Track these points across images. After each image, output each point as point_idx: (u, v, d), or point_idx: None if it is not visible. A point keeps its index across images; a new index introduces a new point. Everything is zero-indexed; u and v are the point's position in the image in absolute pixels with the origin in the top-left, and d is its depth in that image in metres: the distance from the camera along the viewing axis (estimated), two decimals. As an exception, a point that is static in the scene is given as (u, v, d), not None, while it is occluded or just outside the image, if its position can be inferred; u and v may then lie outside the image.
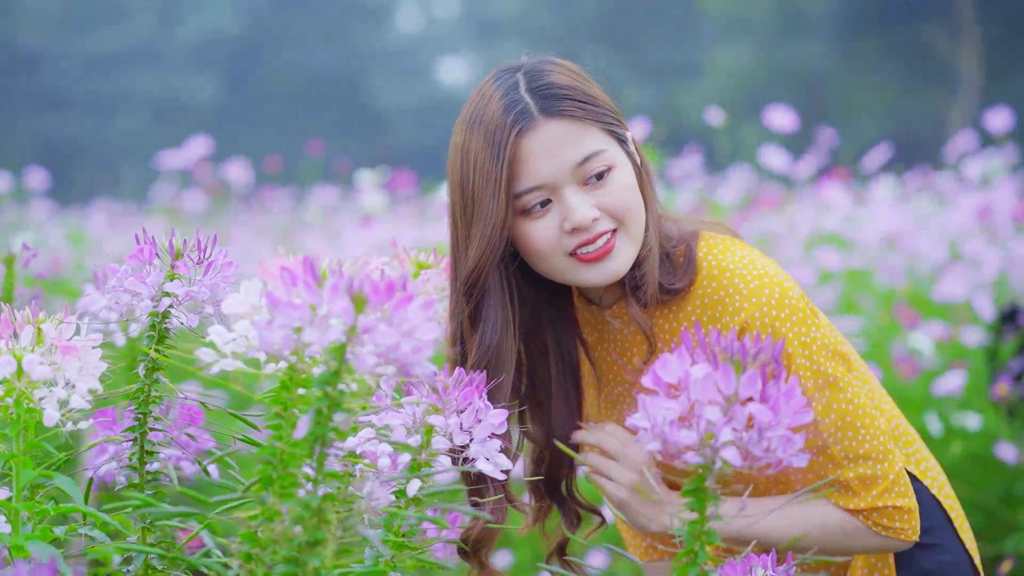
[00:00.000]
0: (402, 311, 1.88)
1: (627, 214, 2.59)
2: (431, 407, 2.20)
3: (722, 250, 2.66)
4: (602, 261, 2.59)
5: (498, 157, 2.54)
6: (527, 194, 2.57)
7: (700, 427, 1.92)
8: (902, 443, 2.81)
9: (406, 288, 1.90)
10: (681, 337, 1.97)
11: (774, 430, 1.93)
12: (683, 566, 2.00)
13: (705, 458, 1.93)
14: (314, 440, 1.91)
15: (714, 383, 1.93)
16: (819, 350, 2.58)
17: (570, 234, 2.57)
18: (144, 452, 2.24)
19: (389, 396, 2.24)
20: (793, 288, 2.60)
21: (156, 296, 2.22)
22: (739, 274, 2.60)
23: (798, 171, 6.92)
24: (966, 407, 4.97)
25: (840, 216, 6.53)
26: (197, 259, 2.25)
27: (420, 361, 1.89)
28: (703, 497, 1.98)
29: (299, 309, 1.87)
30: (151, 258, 2.23)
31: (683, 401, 1.94)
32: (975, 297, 5.35)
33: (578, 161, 2.56)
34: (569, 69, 2.66)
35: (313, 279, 1.89)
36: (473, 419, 2.20)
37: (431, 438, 2.19)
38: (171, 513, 1.95)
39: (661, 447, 1.95)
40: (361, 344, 1.86)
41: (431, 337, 1.88)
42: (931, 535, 2.77)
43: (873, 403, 2.67)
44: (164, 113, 31.46)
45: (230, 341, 2.03)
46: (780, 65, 29.91)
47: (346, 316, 1.86)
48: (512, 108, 2.57)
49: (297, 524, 1.89)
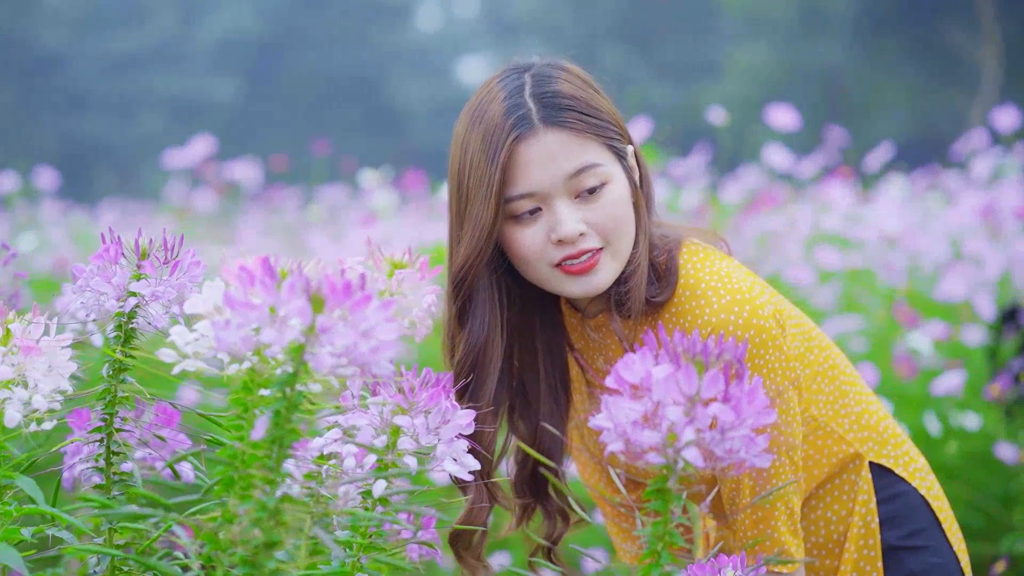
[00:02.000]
0: (360, 311, 1.87)
1: (615, 232, 2.58)
2: (398, 408, 2.19)
3: (700, 260, 2.65)
4: (585, 275, 2.58)
5: (493, 160, 2.53)
6: (518, 200, 2.56)
7: (663, 428, 1.91)
8: (891, 444, 2.79)
9: (364, 288, 1.89)
10: (644, 338, 1.95)
11: (736, 430, 1.92)
12: (646, 567, 1.99)
13: (667, 459, 1.92)
14: (272, 441, 1.90)
15: (676, 383, 1.92)
16: (770, 372, 2.56)
17: (556, 245, 2.57)
18: (111, 453, 2.23)
19: (356, 397, 2.22)
20: (765, 307, 2.57)
21: (122, 296, 2.21)
22: (712, 287, 2.59)
23: (803, 170, 6.89)
24: (965, 407, 4.95)
25: (841, 215, 6.50)
26: (163, 259, 2.23)
27: (379, 361, 1.88)
28: (666, 498, 1.97)
29: (256, 309, 1.86)
30: (116, 258, 2.22)
31: (646, 402, 1.93)
32: (976, 296, 5.32)
33: (571, 173, 2.55)
34: (578, 77, 2.64)
35: (271, 279, 1.88)
36: (440, 420, 2.19)
37: (397, 439, 2.18)
38: (127, 515, 1.94)
39: (624, 448, 1.94)
40: (319, 344, 1.85)
41: (390, 337, 1.87)
42: (920, 537, 2.76)
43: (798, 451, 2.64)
44: (184, 113, 31.49)
45: (191, 341, 2.02)
46: (800, 64, 29.83)
47: (303, 316, 1.85)
48: (513, 112, 2.56)
49: (255, 526, 1.88)
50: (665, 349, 1.95)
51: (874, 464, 2.77)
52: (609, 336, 2.71)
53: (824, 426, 2.73)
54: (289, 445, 1.90)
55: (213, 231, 8.25)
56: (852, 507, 2.75)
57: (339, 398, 2.20)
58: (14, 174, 7.94)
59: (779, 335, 2.58)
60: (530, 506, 2.88)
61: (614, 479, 2.13)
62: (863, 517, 2.74)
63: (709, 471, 1.94)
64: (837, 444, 2.74)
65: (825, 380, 2.74)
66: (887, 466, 2.77)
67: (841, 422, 2.75)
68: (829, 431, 2.73)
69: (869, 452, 2.76)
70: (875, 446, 2.77)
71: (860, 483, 2.74)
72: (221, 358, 1.99)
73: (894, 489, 2.77)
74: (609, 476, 2.86)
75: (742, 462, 1.94)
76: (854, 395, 2.78)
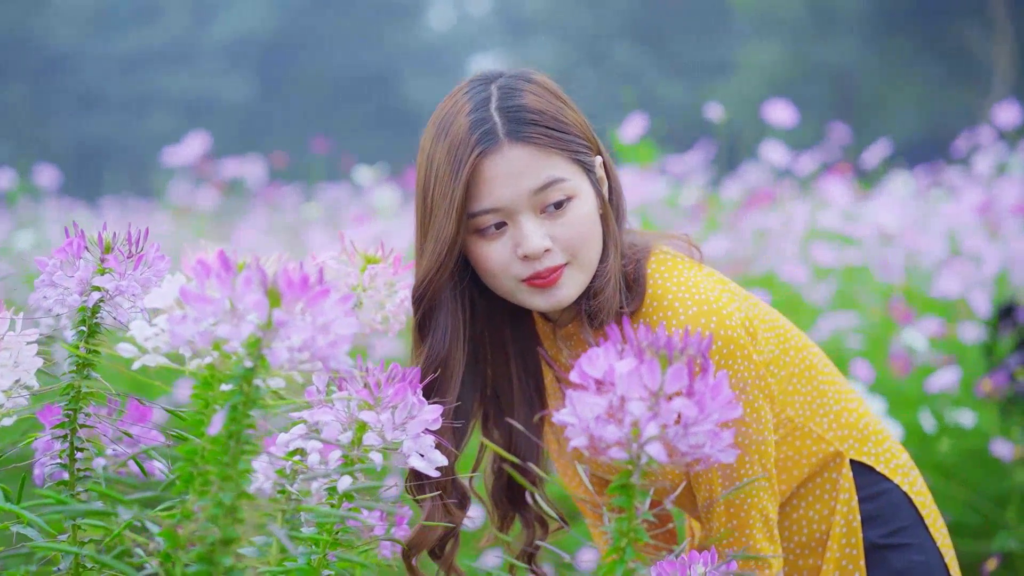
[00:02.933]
0: (318, 305, 1.85)
1: (581, 247, 2.55)
2: (363, 403, 2.17)
3: (668, 269, 2.62)
4: (548, 289, 2.56)
5: (456, 175, 2.51)
6: (482, 215, 2.53)
7: (626, 422, 1.89)
8: (872, 441, 2.77)
9: (322, 282, 1.86)
10: (608, 332, 1.92)
11: (700, 425, 1.89)
12: (610, 564, 1.97)
13: (631, 454, 1.90)
14: (229, 437, 1.88)
15: (640, 378, 1.89)
16: (738, 383, 2.54)
17: (522, 261, 2.54)
18: (74, 449, 2.21)
19: (322, 392, 2.20)
20: (733, 315, 2.55)
21: (85, 290, 2.19)
22: (680, 298, 2.56)
23: (802, 167, 6.86)
24: (961, 404, 4.91)
25: (839, 212, 6.47)
26: (127, 253, 2.21)
27: (337, 355, 1.85)
28: (630, 493, 1.95)
29: (212, 303, 1.84)
30: (79, 252, 2.19)
31: (610, 396, 1.91)
32: (972, 293, 5.29)
33: (536, 189, 2.52)
34: (545, 89, 2.61)
35: (227, 272, 1.86)
36: (406, 415, 2.17)
37: (363, 434, 2.16)
38: (82, 511, 1.92)
39: (588, 443, 1.92)
40: (276, 339, 1.83)
41: (349, 331, 1.85)
42: (903, 534, 2.74)
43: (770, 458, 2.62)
44: (196, 112, 31.52)
45: (151, 336, 2.00)
46: (811, 63, 29.79)
47: (260, 310, 1.83)
48: (478, 126, 2.53)
49: (211, 523, 1.86)
50: (629, 344, 1.93)
51: (855, 462, 2.74)
52: (580, 346, 2.69)
53: (802, 427, 2.70)
54: (247, 441, 1.88)
55: (214, 229, 8.23)
56: (834, 506, 2.72)
57: (304, 393, 2.19)
58: (12, 172, 7.93)
59: (748, 343, 2.56)
60: (509, 514, 2.87)
61: (581, 475, 2.12)
62: (845, 516, 2.72)
63: (678, 469, 1.92)
64: (816, 444, 2.71)
65: (802, 380, 2.72)
66: (869, 464, 2.75)
67: (820, 422, 2.72)
68: (807, 431, 2.71)
69: (850, 450, 2.73)
70: (856, 444, 2.74)
71: (841, 481, 2.72)
72: (184, 353, 1.97)
73: (876, 487, 2.75)
74: (592, 480, 2.84)
75: (707, 457, 1.92)
76: (833, 394, 2.75)
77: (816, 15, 30.37)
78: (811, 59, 29.84)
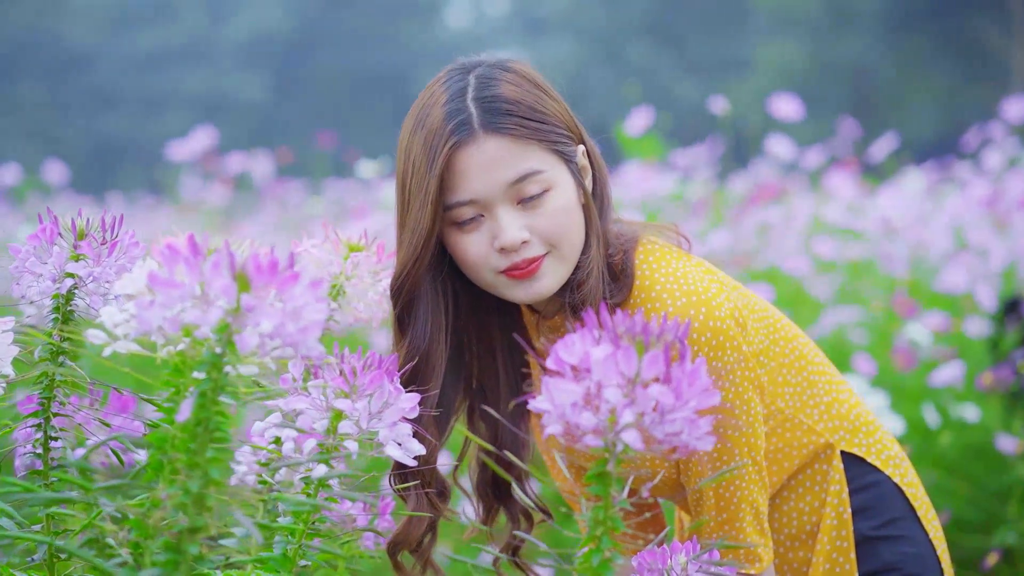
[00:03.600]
0: (288, 290, 1.82)
1: (560, 238, 2.51)
2: (339, 391, 2.14)
3: (656, 259, 2.59)
4: (527, 280, 2.52)
5: (432, 167, 2.48)
6: (459, 207, 2.50)
7: (602, 409, 1.86)
8: (863, 432, 2.74)
9: (293, 267, 1.84)
10: (584, 318, 1.89)
11: (677, 412, 1.86)
12: (586, 553, 1.94)
13: (606, 441, 1.87)
14: (198, 424, 1.85)
15: (615, 364, 1.86)
16: (728, 375, 2.52)
17: (499, 253, 2.51)
18: (48, 438, 2.19)
19: (299, 379, 2.18)
20: (722, 306, 2.52)
21: (58, 277, 2.16)
22: (668, 289, 2.53)
23: (809, 162, 6.83)
24: (965, 399, 4.87)
25: (843, 206, 6.42)
26: (101, 239, 2.19)
27: (306, 341, 1.83)
28: (606, 482, 1.92)
29: (180, 288, 1.81)
30: (53, 238, 2.17)
31: (586, 383, 1.88)
32: (977, 287, 5.25)
33: (512, 181, 2.48)
34: (523, 78, 2.56)
35: (196, 257, 1.83)
36: (382, 403, 2.14)
37: (338, 423, 2.13)
38: (46, 500, 1.89)
39: (563, 430, 1.89)
40: (244, 325, 1.80)
41: (319, 317, 1.82)
42: (894, 526, 2.71)
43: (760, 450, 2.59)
44: (213, 110, 31.55)
45: (121, 323, 1.97)
46: (829, 60, 29.72)
47: (228, 295, 1.80)
48: (453, 117, 2.50)
49: (179, 511, 1.83)
50: (606, 330, 1.90)
51: (846, 453, 2.71)
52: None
53: (792, 418, 2.67)
54: (216, 428, 1.85)
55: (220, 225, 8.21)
56: (824, 498, 2.69)
57: (279, 380, 2.16)
58: (18, 167, 7.93)
59: (738, 335, 2.53)
60: (494, 507, 2.84)
61: (559, 464, 2.09)
62: (835, 508, 2.69)
63: (657, 457, 1.89)
64: (807, 435, 2.68)
65: (792, 371, 2.69)
66: (860, 455, 2.72)
67: (810, 413, 2.69)
68: (797, 423, 2.68)
69: (840, 441, 2.70)
70: (846, 435, 2.71)
71: (832, 473, 2.69)
72: (156, 340, 1.94)
73: (867, 478, 2.71)
74: (577, 473, 2.81)
75: (685, 445, 1.89)
76: (823, 385, 2.72)
77: (833, 12, 30.31)
78: (828, 57, 29.77)
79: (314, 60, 33.90)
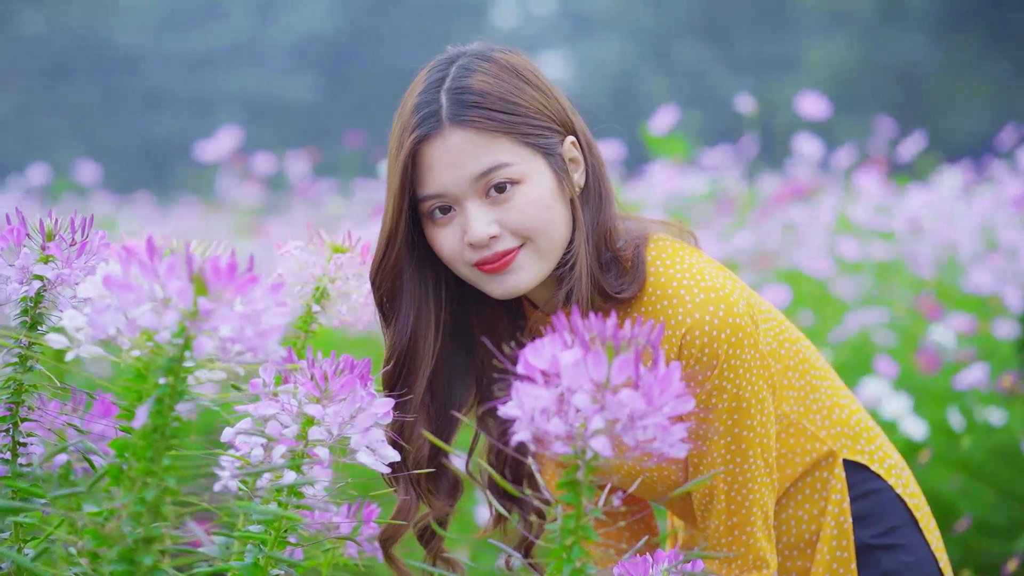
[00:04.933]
0: (247, 293, 1.77)
1: (533, 232, 2.44)
2: (310, 396, 2.09)
3: (670, 256, 2.52)
4: (501, 274, 2.46)
5: (397, 159, 2.45)
6: (429, 200, 2.46)
7: (570, 415, 1.81)
8: (864, 439, 2.67)
9: (252, 270, 1.79)
10: (554, 321, 1.84)
11: (648, 418, 1.81)
12: (557, 563, 1.88)
13: (575, 449, 1.81)
14: (155, 430, 1.80)
15: (585, 369, 1.81)
16: (745, 373, 2.45)
17: (470, 247, 2.45)
18: (16, 444, 2.14)
19: (270, 384, 2.13)
20: (739, 303, 2.46)
21: (25, 280, 2.12)
22: (685, 285, 2.46)
23: (842, 161, 6.74)
24: (991, 402, 4.78)
25: (870, 206, 6.32)
26: (70, 240, 2.14)
27: (265, 346, 1.78)
28: (577, 490, 1.87)
29: (135, 291, 1.77)
30: (20, 239, 2.13)
31: (555, 388, 1.82)
32: (1006, 288, 5.15)
33: (477, 174, 2.42)
34: (502, 68, 2.49)
35: (152, 259, 1.79)
36: (354, 408, 2.09)
37: (309, 429, 2.08)
38: (9, 509, 1.85)
39: (531, 437, 1.84)
40: (199, 329, 1.75)
41: (279, 322, 1.78)
42: (894, 535, 2.65)
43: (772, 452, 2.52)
44: (261, 111, 31.61)
45: (83, 326, 1.92)
46: (879, 58, 29.51)
47: (184, 298, 1.75)
48: (422, 109, 2.45)
49: (132, 521, 1.78)
50: (576, 333, 1.84)
51: (847, 461, 2.64)
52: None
53: (796, 423, 2.61)
54: (173, 435, 1.80)
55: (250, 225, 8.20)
56: (824, 506, 2.63)
57: (249, 385, 2.12)
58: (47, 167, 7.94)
59: (755, 332, 2.47)
60: (505, 505, 2.78)
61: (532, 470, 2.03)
62: (836, 517, 2.62)
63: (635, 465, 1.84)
64: (810, 442, 2.62)
65: (795, 375, 2.62)
66: (861, 462, 2.65)
67: (813, 418, 2.63)
68: (801, 428, 2.61)
69: (843, 449, 2.64)
70: (848, 442, 2.64)
71: (833, 481, 2.62)
72: (121, 344, 1.90)
73: (867, 486, 2.65)
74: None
75: (659, 453, 1.84)
76: (825, 389, 2.66)
77: (883, 10, 30.09)
78: (879, 55, 29.56)
79: (361, 60, 33.92)
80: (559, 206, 2.46)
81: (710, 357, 2.42)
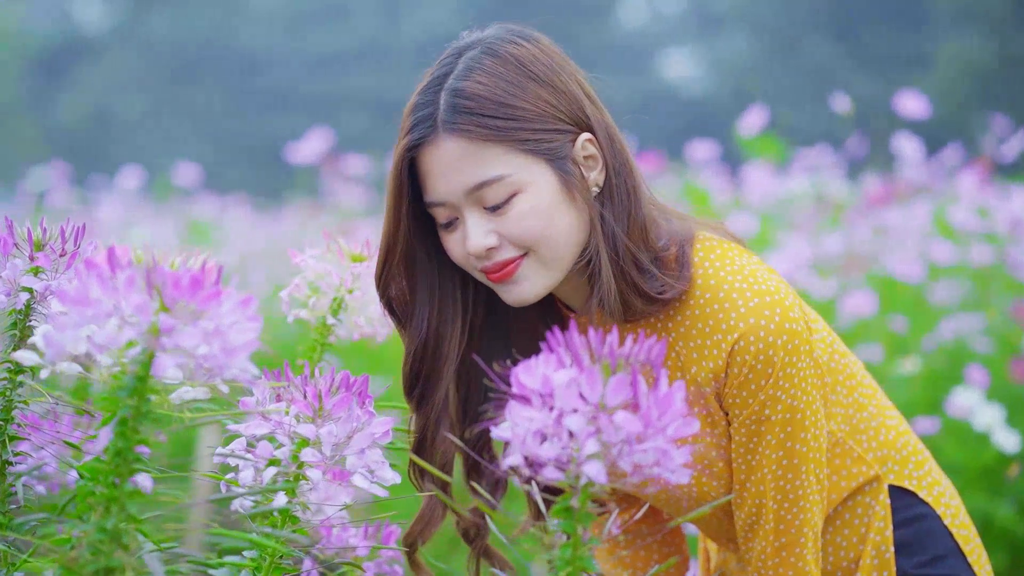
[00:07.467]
0: (211, 309, 1.66)
1: (534, 242, 2.28)
2: (303, 415, 1.97)
3: (719, 256, 2.35)
4: (507, 284, 2.31)
5: (393, 164, 2.32)
6: (433, 208, 2.32)
7: (563, 439, 1.68)
8: (912, 463, 2.49)
9: (218, 283, 1.68)
10: (548, 337, 1.71)
11: (647, 442, 1.67)
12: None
13: (568, 474, 1.68)
14: (116, 454, 1.70)
15: (578, 389, 1.68)
16: (801, 382, 2.28)
17: (473, 256, 2.32)
18: (4, 463, 2.05)
19: (264, 403, 2.01)
20: (794, 308, 2.29)
21: (13, 292, 2.03)
22: (738, 288, 2.30)
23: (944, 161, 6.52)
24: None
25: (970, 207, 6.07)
26: (60, 250, 2.05)
27: (232, 365, 1.67)
28: (571, 517, 1.73)
29: (92, 306, 1.67)
30: (8, 249, 2.04)
31: (548, 410, 1.70)
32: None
33: (470, 188, 2.27)
34: (505, 65, 2.32)
35: (113, 272, 1.68)
36: (350, 428, 1.97)
37: (301, 450, 1.96)
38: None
39: (523, 461, 1.71)
40: (161, 347, 1.64)
41: (247, 338, 1.66)
42: (939, 565, 2.46)
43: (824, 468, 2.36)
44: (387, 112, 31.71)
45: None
46: (1014, 55, 28.94)
47: (143, 314, 1.65)
48: (419, 110, 2.31)
49: (92, 550, 1.68)
50: (571, 350, 1.71)
51: (893, 487, 2.47)
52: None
53: (842, 443, 2.44)
54: (136, 459, 1.69)
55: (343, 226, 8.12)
56: (865, 533, 2.45)
57: (239, 403, 2.01)
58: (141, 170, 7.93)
59: (810, 339, 2.31)
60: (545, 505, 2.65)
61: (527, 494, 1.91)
62: (876, 545, 2.44)
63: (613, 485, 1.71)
64: (856, 464, 2.45)
65: (843, 391, 2.45)
66: (909, 488, 2.47)
67: (859, 439, 2.45)
68: (847, 449, 2.44)
69: (888, 474, 2.46)
70: (894, 466, 2.47)
71: (876, 508, 2.45)
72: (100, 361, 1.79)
73: (912, 511, 2.46)
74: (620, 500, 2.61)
75: (658, 478, 1.70)
76: (872, 408, 2.48)
77: (1019, 4, 29.52)
78: (1013, 52, 28.99)
79: (488, 61, 33.94)
80: (563, 212, 2.29)
81: (765, 365, 2.26)
